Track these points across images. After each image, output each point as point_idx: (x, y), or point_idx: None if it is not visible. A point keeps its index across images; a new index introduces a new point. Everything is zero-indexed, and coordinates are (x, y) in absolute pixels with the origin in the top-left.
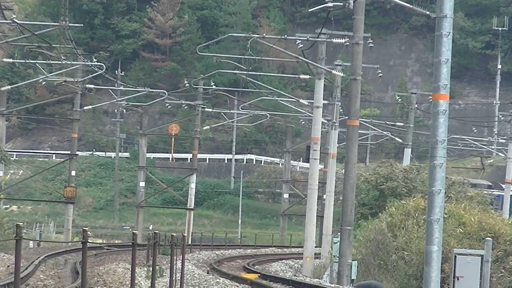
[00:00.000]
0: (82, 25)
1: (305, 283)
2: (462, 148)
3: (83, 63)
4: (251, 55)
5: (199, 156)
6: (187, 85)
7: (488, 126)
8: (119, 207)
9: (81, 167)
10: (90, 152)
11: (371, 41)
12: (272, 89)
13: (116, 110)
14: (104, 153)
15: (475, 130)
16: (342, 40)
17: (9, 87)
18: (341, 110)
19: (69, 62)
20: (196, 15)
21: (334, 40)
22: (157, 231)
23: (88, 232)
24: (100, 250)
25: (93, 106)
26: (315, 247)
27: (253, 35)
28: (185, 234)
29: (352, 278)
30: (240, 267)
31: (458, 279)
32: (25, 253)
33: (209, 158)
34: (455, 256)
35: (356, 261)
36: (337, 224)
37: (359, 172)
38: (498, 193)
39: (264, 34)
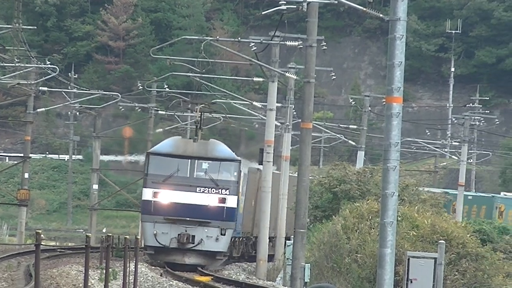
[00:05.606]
0: (36, 27)
1: (258, 285)
2: (416, 150)
3: (37, 65)
4: (205, 57)
5: None
6: (140, 87)
7: (442, 129)
8: (73, 209)
9: (34, 170)
10: (44, 155)
11: (325, 43)
12: (225, 92)
13: (69, 113)
14: (57, 155)
15: (428, 133)
16: (296, 43)
17: None
18: (295, 113)
19: (22, 65)
20: (150, 18)
21: (288, 43)
22: (110, 234)
23: (41, 235)
24: (53, 252)
25: (46, 108)
26: None
27: (207, 38)
28: (139, 237)
29: (306, 280)
30: (194, 269)
31: (411, 281)
32: None
33: None
34: (409, 259)
35: (310, 264)
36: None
37: (312, 175)
38: None
39: (217, 37)
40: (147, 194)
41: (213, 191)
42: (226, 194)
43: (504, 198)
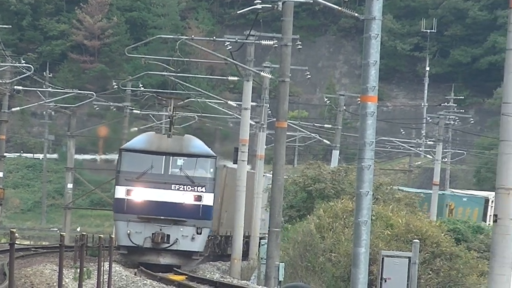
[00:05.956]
0: (11, 26)
1: (233, 284)
2: (390, 150)
3: (11, 64)
4: (180, 56)
5: None
6: (115, 86)
7: (416, 128)
8: (47, 208)
9: (8, 169)
10: (18, 154)
11: (300, 43)
12: (200, 91)
13: (44, 112)
14: (32, 154)
15: (403, 132)
16: (271, 42)
17: None
18: (270, 112)
19: None
20: (125, 17)
21: (263, 42)
22: (84, 233)
23: (16, 234)
24: (28, 251)
25: (21, 107)
26: None
27: (182, 37)
28: (113, 236)
29: (280, 280)
30: (169, 268)
31: (385, 281)
32: None
33: None
34: (383, 258)
35: (284, 263)
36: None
37: (287, 174)
38: None
39: (192, 36)
40: (120, 192)
41: (189, 188)
42: (202, 191)
43: (454, 196)
